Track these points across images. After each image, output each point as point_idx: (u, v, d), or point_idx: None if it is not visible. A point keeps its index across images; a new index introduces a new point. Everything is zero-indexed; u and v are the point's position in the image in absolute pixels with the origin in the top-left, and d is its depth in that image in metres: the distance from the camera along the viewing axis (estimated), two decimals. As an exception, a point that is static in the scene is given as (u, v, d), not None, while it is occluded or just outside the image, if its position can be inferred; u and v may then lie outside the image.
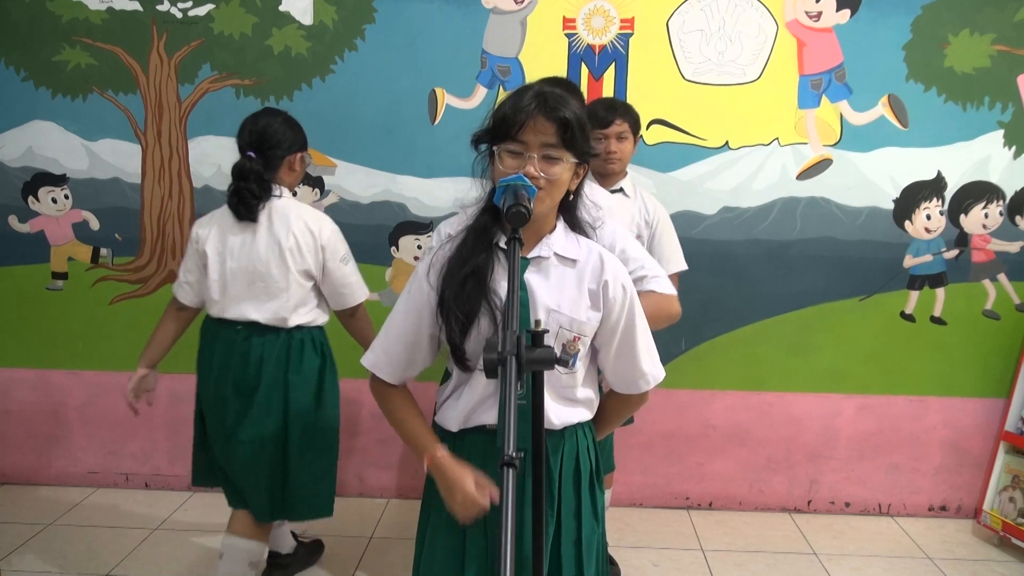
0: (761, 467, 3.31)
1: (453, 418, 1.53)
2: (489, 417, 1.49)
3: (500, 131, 1.42)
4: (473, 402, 1.50)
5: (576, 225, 1.56)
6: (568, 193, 1.49)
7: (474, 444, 1.51)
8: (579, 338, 1.48)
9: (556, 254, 1.48)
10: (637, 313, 1.53)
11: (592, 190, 2.39)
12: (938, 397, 3.23)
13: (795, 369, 3.23)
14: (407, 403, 1.56)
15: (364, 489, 3.39)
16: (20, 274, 3.32)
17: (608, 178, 2.52)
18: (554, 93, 1.42)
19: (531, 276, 1.46)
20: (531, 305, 1.45)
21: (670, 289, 2.02)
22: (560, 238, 1.50)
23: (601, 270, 1.49)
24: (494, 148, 1.43)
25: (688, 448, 3.30)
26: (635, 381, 1.57)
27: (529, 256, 1.48)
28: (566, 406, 1.53)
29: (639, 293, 1.60)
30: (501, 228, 1.47)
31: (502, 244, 1.46)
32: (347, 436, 3.34)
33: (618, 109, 2.48)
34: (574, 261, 1.49)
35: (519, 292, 1.18)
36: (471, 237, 1.48)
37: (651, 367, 1.57)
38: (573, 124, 1.41)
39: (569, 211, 1.55)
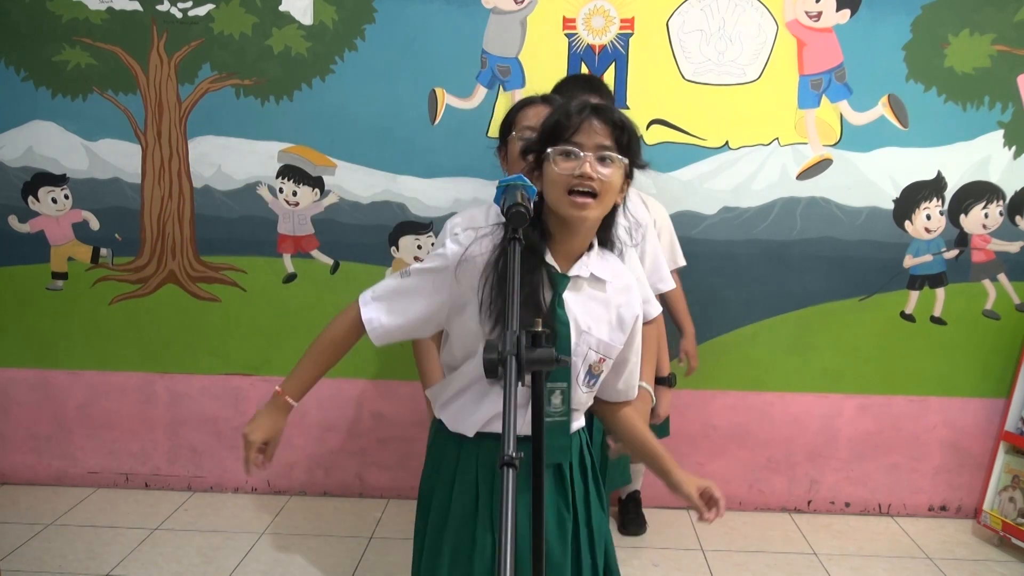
0: (761, 467, 3.31)
1: (471, 423, 1.52)
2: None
3: (553, 136, 1.42)
4: (497, 409, 1.49)
5: (608, 244, 1.56)
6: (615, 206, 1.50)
7: (491, 449, 1.52)
8: (604, 360, 1.50)
9: (593, 274, 1.49)
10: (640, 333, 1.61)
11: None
12: (938, 397, 3.23)
13: (795, 369, 3.23)
14: (340, 349, 1.56)
15: (364, 489, 3.39)
16: (20, 274, 3.32)
17: None
18: (604, 103, 1.47)
19: (569, 296, 1.47)
20: (570, 327, 1.46)
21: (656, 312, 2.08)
22: (596, 258, 1.51)
23: (629, 295, 1.53)
24: (548, 150, 1.41)
25: (688, 448, 3.29)
26: (628, 391, 1.64)
27: (569, 275, 1.47)
28: (578, 416, 1.58)
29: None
30: (546, 244, 1.46)
31: (548, 259, 1.46)
32: (347, 436, 3.34)
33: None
34: (604, 282, 1.50)
35: (518, 291, 1.18)
36: (520, 249, 1.43)
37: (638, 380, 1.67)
38: (628, 128, 1.42)
39: (605, 228, 1.54)
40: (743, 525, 3.20)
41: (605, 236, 1.54)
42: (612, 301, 1.50)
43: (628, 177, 1.48)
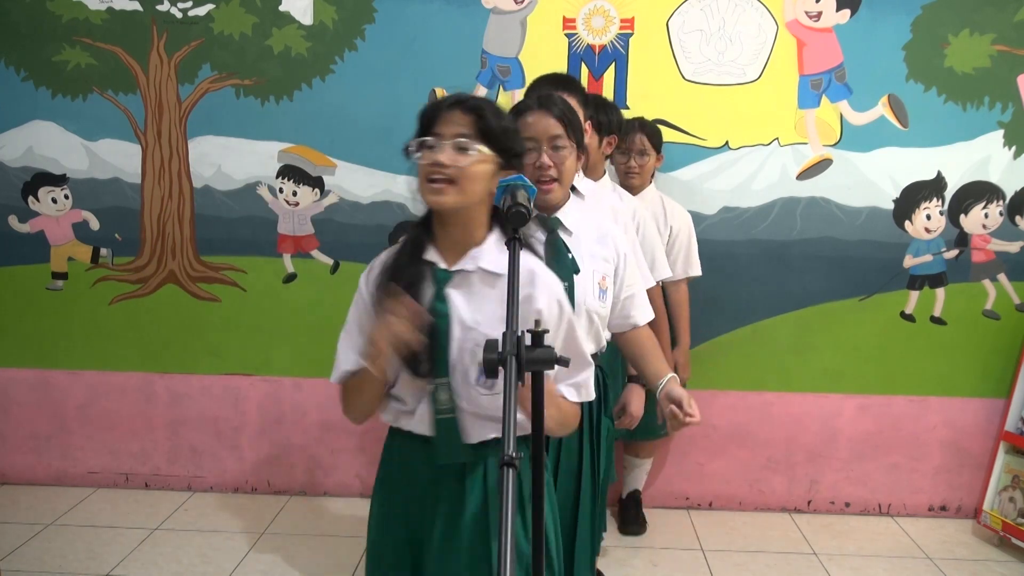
0: (761, 467, 3.30)
1: (387, 415, 1.54)
2: (411, 424, 1.49)
3: (420, 129, 1.46)
4: (403, 408, 1.49)
5: (514, 238, 1.49)
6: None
7: (401, 446, 1.54)
8: None
9: (481, 268, 1.44)
10: (576, 328, 1.50)
11: (621, 195, 2.41)
12: (938, 397, 3.23)
13: (795, 369, 3.23)
14: (369, 405, 1.52)
15: (364, 489, 3.39)
16: (20, 274, 3.32)
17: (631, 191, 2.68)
18: (468, 95, 1.44)
19: (452, 291, 1.44)
20: (449, 320, 1.41)
21: (647, 315, 1.98)
22: (489, 252, 1.45)
23: (534, 290, 1.43)
24: (410, 144, 1.44)
25: (688, 448, 3.29)
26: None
27: (452, 269, 1.45)
28: (487, 422, 1.47)
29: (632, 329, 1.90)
30: (431, 240, 1.48)
31: (429, 257, 1.47)
32: (346, 436, 3.34)
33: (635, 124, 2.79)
34: (499, 276, 1.43)
35: (518, 291, 1.18)
36: (406, 249, 1.49)
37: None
38: (489, 117, 1.41)
39: (502, 222, 1.48)
40: (743, 525, 3.20)
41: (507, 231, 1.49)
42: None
43: (507, 167, 1.44)
